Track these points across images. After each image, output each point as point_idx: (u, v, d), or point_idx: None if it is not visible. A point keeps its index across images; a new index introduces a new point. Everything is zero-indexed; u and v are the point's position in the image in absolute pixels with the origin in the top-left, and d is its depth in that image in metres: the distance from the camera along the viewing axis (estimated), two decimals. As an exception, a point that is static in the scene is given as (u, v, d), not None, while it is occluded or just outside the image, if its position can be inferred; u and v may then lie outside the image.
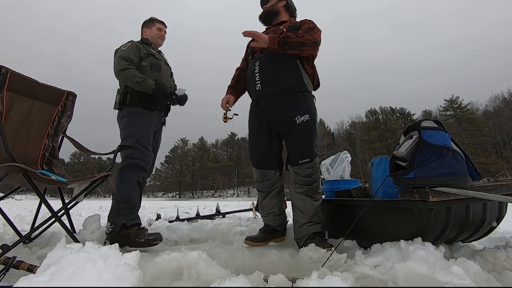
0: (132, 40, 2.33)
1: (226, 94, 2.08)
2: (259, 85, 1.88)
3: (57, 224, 1.61)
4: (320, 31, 1.85)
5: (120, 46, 2.24)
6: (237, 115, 2.09)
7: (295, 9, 2.12)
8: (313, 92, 1.98)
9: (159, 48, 2.53)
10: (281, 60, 1.84)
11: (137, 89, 2.08)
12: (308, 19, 1.94)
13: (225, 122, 2.04)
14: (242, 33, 1.72)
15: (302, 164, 1.77)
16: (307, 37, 1.74)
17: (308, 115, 1.78)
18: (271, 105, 1.85)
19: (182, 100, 2.34)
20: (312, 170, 1.78)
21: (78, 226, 2.05)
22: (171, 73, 2.52)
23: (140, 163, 1.99)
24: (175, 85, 2.55)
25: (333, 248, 1.44)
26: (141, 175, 2.00)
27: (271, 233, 1.90)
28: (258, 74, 1.88)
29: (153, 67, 2.25)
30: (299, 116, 1.77)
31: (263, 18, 2.09)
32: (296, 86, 1.83)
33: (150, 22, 2.44)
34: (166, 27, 2.49)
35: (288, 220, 2.02)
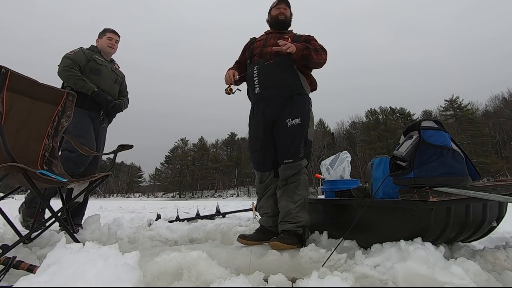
0: (81, 47, 2.60)
1: (230, 69, 2.10)
2: (258, 88, 1.95)
3: (57, 224, 1.61)
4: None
5: (69, 52, 2.50)
6: (240, 90, 2.10)
7: None
8: (310, 94, 2.03)
9: (113, 57, 2.78)
10: (279, 64, 1.91)
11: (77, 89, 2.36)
12: (311, 36, 2.05)
13: (227, 94, 2.04)
14: (278, 46, 1.81)
15: (285, 164, 1.86)
16: (322, 57, 1.91)
17: (299, 119, 1.86)
18: (269, 108, 1.93)
19: (112, 109, 2.55)
20: (295, 172, 1.84)
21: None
22: (117, 79, 2.72)
23: (74, 157, 2.20)
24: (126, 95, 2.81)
25: (333, 248, 1.44)
26: (72, 170, 2.13)
27: (265, 234, 1.91)
28: (257, 78, 1.96)
29: (91, 71, 2.52)
30: (290, 119, 1.86)
31: (280, 24, 2.13)
32: (293, 89, 1.89)
33: (102, 33, 2.74)
34: (119, 36, 2.76)
35: None
